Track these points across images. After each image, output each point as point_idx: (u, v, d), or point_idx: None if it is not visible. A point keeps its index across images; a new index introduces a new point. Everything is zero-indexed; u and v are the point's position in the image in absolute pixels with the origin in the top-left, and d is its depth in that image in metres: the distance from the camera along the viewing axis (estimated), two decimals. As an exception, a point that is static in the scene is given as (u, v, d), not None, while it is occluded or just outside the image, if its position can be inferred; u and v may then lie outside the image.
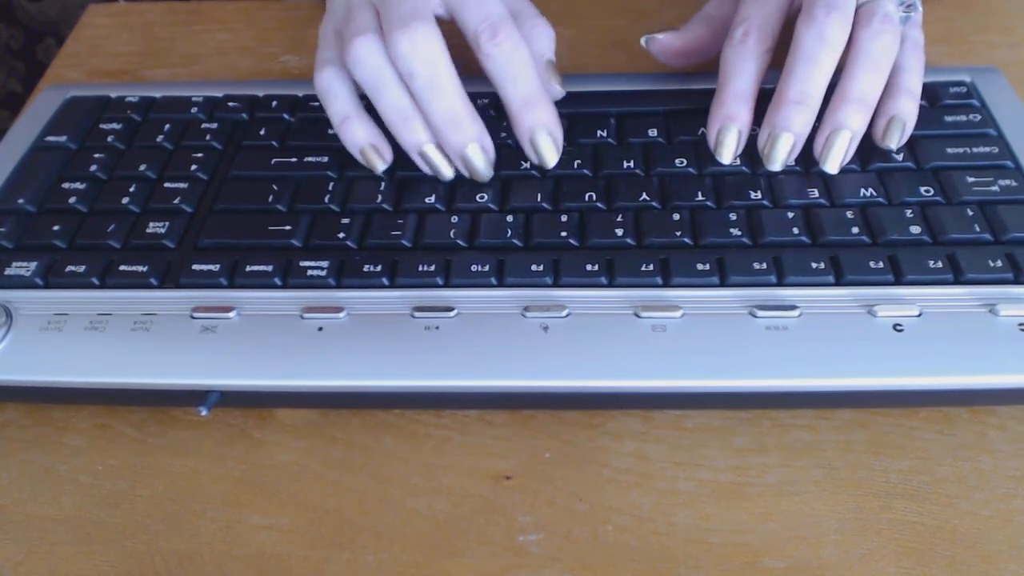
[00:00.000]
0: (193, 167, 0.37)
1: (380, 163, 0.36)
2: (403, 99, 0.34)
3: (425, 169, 0.35)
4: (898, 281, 0.31)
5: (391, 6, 0.33)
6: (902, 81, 0.35)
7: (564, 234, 0.33)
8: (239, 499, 0.30)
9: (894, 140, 0.34)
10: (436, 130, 0.34)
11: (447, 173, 0.35)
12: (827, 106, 0.34)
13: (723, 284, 0.31)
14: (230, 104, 0.40)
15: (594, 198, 0.34)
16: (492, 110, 0.38)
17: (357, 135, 0.35)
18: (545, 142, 0.34)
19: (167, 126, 0.39)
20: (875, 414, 0.31)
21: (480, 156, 0.34)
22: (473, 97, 0.34)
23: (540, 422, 0.31)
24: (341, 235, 0.34)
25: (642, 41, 0.39)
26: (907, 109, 0.34)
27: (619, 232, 0.33)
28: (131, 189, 0.36)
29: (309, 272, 0.33)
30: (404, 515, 0.29)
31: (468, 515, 0.29)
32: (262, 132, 0.39)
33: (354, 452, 0.31)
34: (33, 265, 0.33)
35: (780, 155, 0.34)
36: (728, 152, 0.35)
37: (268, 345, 0.31)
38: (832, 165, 0.34)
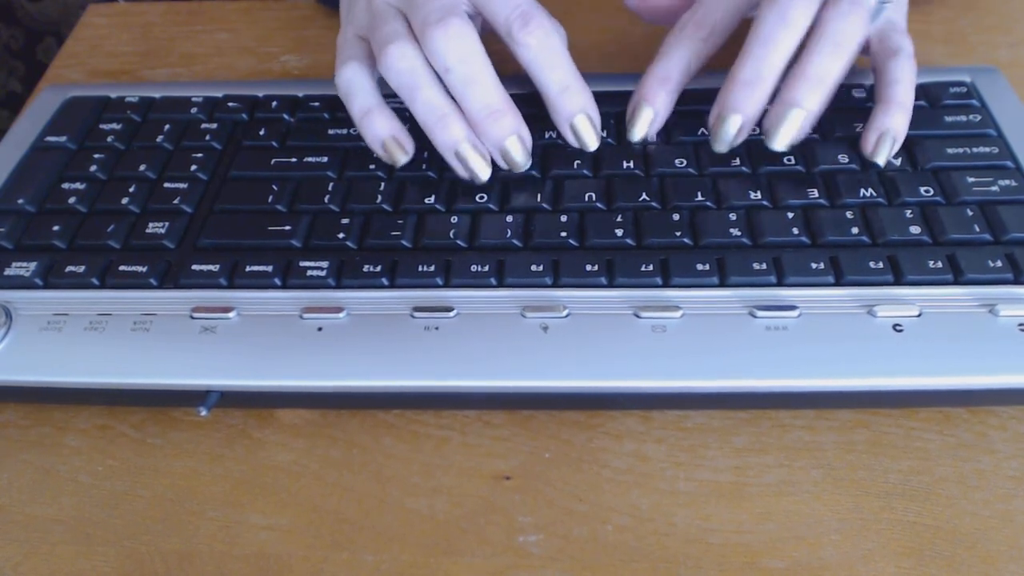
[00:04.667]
0: (193, 167, 0.37)
1: (402, 156, 0.35)
2: (438, 98, 0.33)
3: (461, 173, 0.34)
4: (898, 281, 0.31)
5: (421, 5, 0.33)
6: (896, 94, 0.34)
7: (564, 234, 0.33)
8: (239, 499, 0.30)
9: (883, 155, 0.34)
10: (474, 124, 0.34)
11: (483, 175, 0.34)
12: (783, 84, 0.33)
13: (723, 284, 0.31)
14: (230, 104, 0.40)
15: (594, 198, 0.34)
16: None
17: (379, 128, 0.35)
18: (585, 127, 0.35)
19: (167, 126, 0.39)
20: (875, 414, 0.31)
21: (519, 148, 0.34)
22: None
23: (540, 422, 0.31)
24: (341, 235, 0.34)
25: None
26: (899, 124, 0.34)
27: (619, 232, 0.33)
28: (131, 189, 0.36)
29: (309, 272, 0.33)
30: (404, 515, 0.29)
31: (468, 515, 0.29)
32: (262, 132, 0.39)
33: (354, 452, 0.31)
34: (33, 265, 0.33)
35: (727, 135, 0.34)
36: (638, 131, 0.35)
37: (268, 345, 0.31)
38: (779, 142, 0.33)
